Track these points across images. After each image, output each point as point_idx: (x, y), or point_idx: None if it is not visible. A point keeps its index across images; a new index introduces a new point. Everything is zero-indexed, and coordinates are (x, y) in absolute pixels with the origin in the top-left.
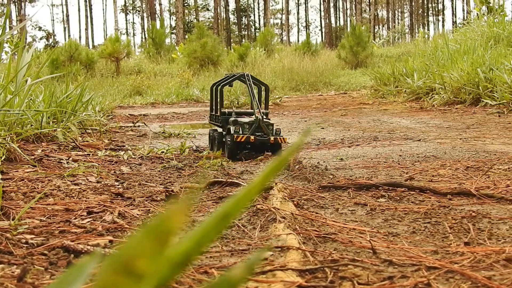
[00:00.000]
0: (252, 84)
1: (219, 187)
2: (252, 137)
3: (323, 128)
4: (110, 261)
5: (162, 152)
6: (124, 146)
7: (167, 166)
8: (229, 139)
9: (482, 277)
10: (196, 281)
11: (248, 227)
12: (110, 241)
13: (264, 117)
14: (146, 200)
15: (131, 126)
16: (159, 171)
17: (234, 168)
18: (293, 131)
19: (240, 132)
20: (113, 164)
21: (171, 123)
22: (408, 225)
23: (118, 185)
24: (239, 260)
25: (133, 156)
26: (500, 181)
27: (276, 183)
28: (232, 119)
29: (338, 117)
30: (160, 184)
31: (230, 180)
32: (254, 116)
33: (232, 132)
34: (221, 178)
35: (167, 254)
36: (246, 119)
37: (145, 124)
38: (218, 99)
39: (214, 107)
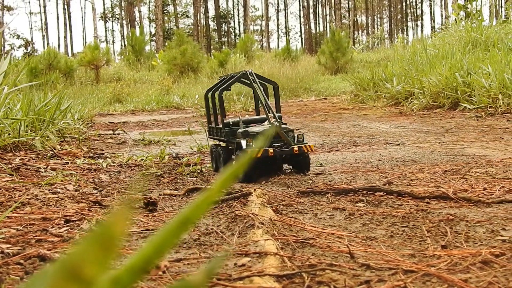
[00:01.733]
0: (258, 83)
1: (197, 193)
2: (270, 150)
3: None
4: (58, 268)
5: (142, 159)
6: (103, 154)
7: (146, 173)
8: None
9: (459, 280)
10: None
11: (227, 233)
12: None
13: (277, 124)
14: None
15: (110, 134)
16: (138, 178)
17: (214, 175)
18: None
19: (254, 145)
20: (91, 172)
21: (151, 130)
22: (386, 229)
23: (96, 193)
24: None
25: (112, 164)
26: (477, 184)
27: (255, 189)
28: (241, 130)
29: (318, 123)
30: (138, 192)
31: (209, 186)
32: (266, 122)
33: (244, 146)
34: (200, 184)
35: (127, 261)
36: (258, 128)
37: (124, 131)
38: (217, 108)
39: (214, 118)
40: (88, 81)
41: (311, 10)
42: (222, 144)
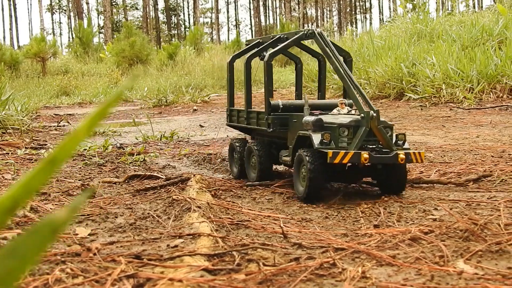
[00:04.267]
0: (335, 51)
1: (137, 180)
2: (364, 154)
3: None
4: None
5: (85, 149)
6: (46, 144)
7: (88, 163)
8: (311, 161)
9: (387, 256)
10: (103, 268)
11: (163, 217)
12: (18, 234)
13: (373, 113)
14: (62, 195)
15: (55, 126)
16: (80, 167)
17: (157, 163)
18: (220, 127)
19: (332, 144)
20: (32, 162)
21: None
22: (322, 211)
23: None
24: (150, 248)
25: None
26: (414, 168)
27: (194, 175)
28: (311, 118)
29: None
30: (78, 180)
31: (149, 173)
32: (338, 110)
33: (316, 143)
34: (140, 172)
35: None
36: (338, 118)
37: (69, 123)
38: (248, 81)
39: (245, 98)
40: (34, 73)
41: (261, 3)
42: (250, 139)
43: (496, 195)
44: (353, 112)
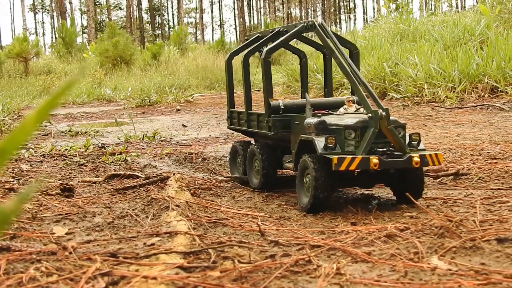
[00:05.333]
0: (338, 44)
1: (117, 179)
2: (374, 159)
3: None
4: None
5: (66, 149)
6: (26, 144)
7: (69, 162)
8: (316, 168)
9: (362, 253)
10: (78, 267)
11: (141, 216)
12: None
13: (382, 112)
14: (40, 195)
15: None
16: (61, 167)
17: (138, 163)
18: (203, 127)
19: (338, 148)
20: (12, 162)
21: (80, 122)
22: (300, 210)
23: (13, 181)
24: (126, 246)
25: (34, 154)
26: None
27: (173, 173)
28: (313, 120)
29: None
30: (58, 180)
31: (129, 172)
32: (345, 109)
33: (320, 148)
34: (120, 171)
35: None
36: (342, 118)
37: (51, 123)
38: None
39: (245, 101)
40: (17, 74)
41: (245, 3)
42: (254, 142)
43: (473, 192)
44: (361, 110)
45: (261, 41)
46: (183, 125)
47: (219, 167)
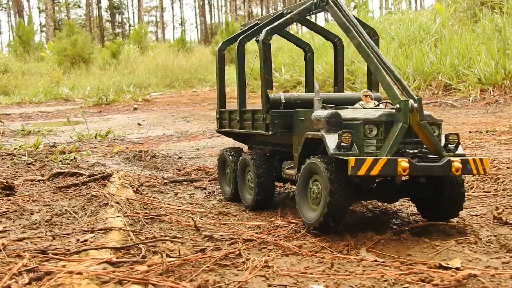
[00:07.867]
0: (358, 24)
1: (61, 178)
2: (404, 163)
3: (188, 122)
4: None
5: (15, 148)
6: None
7: (17, 161)
8: (330, 174)
9: (293, 246)
10: (5, 264)
11: (80, 213)
12: None
13: (414, 103)
14: None
15: None
16: (8, 166)
17: (87, 161)
18: (159, 125)
19: (354, 148)
20: None
21: (35, 121)
22: (241, 205)
23: None
24: (59, 243)
25: None
26: None
27: (117, 171)
28: (324, 113)
29: (206, 111)
30: (2, 179)
31: (73, 170)
32: (376, 105)
33: (331, 148)
34: (66, 169)
35: None
36: (364, 111)
37: (2, 122)
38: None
39: (237, 96)
40: None
41: (206, 1)
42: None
43: None
44: (382, 107)
45: (261, 24)
46: (138, 123)
47: (167, 164)
